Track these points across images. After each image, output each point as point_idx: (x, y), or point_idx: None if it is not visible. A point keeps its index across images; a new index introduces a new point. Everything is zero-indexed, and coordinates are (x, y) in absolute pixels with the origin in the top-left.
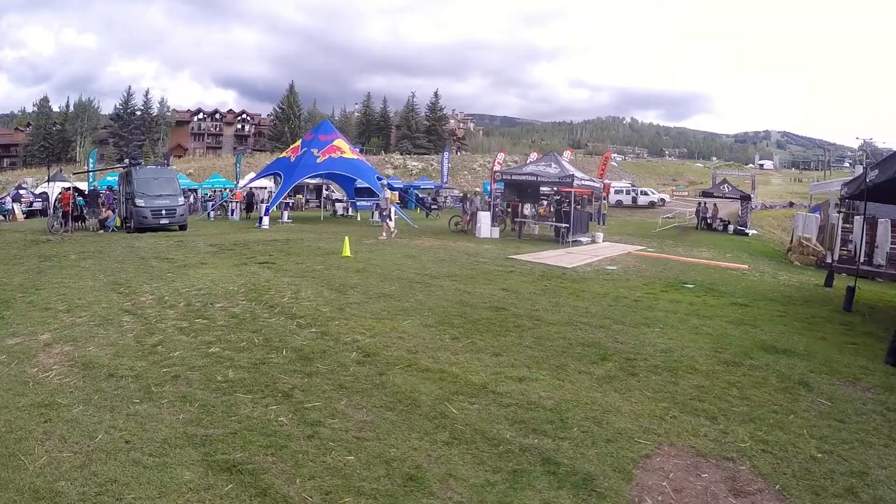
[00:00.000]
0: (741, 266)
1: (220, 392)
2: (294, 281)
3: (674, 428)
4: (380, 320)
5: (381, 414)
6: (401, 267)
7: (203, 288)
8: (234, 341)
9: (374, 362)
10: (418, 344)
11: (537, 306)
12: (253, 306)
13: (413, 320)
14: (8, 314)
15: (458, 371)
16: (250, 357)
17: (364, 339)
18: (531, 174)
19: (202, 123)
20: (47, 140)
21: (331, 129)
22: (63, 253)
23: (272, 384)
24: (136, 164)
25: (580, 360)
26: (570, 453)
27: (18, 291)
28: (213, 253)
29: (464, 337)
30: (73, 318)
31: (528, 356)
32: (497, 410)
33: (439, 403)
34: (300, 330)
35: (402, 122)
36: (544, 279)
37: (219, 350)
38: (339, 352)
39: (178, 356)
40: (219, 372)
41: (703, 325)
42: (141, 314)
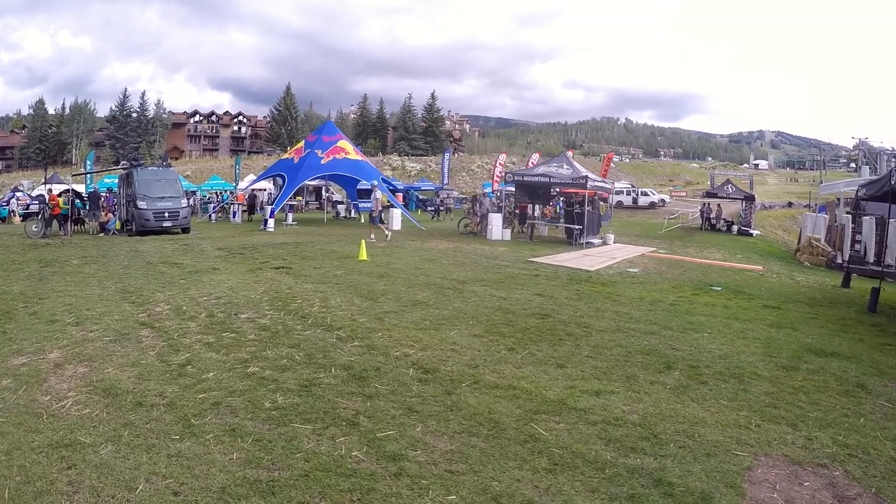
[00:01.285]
0: (756, 267)
1: (272, 422)
2: (318, 288)
3: (762, 437)
4: (424, 331)
5: (466, 441)
6: (424, 271)
7: (222, 296)
8: (273, 358)
9: (437, 380)
10: (475, 357)
11: (579, 312)
12: (282, 317)
13: (460, 330)
14: (10, 328)
15: (528, 386)
16: (296, 377)
17: (415, 353)
18: (543, 175)
19: (198, 125)
20: (43, 142)
21: (334, 130)
22: (64, 258)
23: (331, 410)
24: (137, 165)
25: (646, 370)
26: (677, 471)
27: (20, 301)
28: (223, 257)
29: (519, 347)
30: (83, 332)
31: (593, 367)
32: (586, 429)
33: (524, 424)
34: (342, 344)
35: (398, 124)
36: (574, 283)
37: (258, 370)
38: (393, 368)
39: (213, 378)
40: (265, 397)
41: (747, 328)
42: (160, 327)
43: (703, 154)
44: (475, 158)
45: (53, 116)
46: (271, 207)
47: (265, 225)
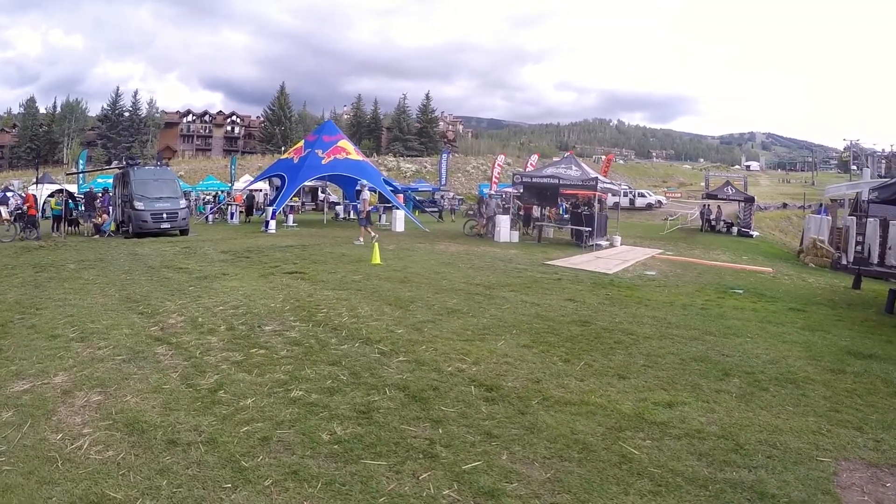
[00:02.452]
0: (765, 269)
1: (338, 459)
2: (340, 295)
3: (835, 441)
4: (469, 342)
5: (560, 466)
6: (445, 276)
7: (239, 305)
8: (315, 379)
9: (503, 398)
10: (533, 370)
11: (617, 318)
12: (312, 329)
13: (506, 340)
14: (6, 344)
15: (599, 400)
16: (349, 402)
17: (469, 368)
18: (552, 177)
19: (191, 125)
20: (34, 141)
21: (335, 130)
22: (60, 262)
23: (401, 440)
24: (133, 165)
25: (706, 378)
26: (773, 482)
27: (15, 312)
28: (230, 261)
29: (574, 358)
30: (90, 349)
31: (654, 377)
32: (673, 444)
33: (612, 444)
34: (387, 359)
35: (393, 125)
36: (599, 287)
37: (303, 393)
38: (452, 386)
39: (253, 406)
40: (320, 427)
41: (783, 332)
42: (177, 343)
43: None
44: (470, 159)
45: (45, 115)
46: (272, 209)
47: (266, 227)
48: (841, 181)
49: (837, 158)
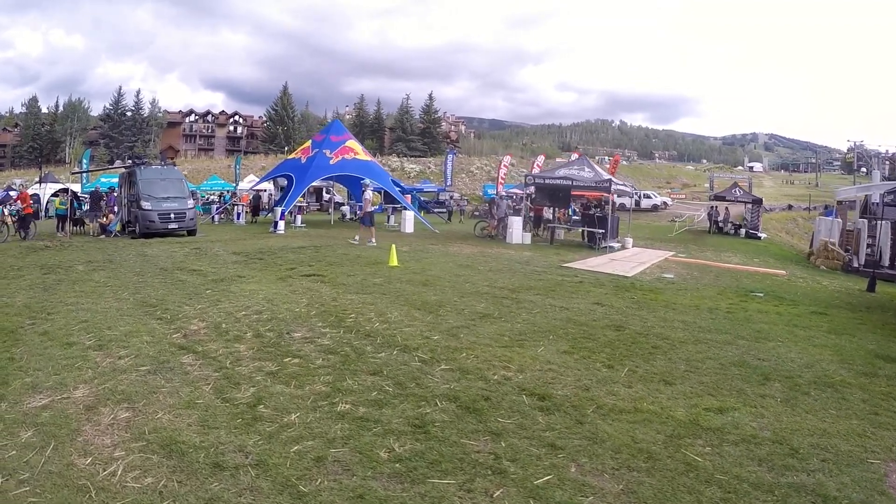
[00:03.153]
0: (779, 272)
1: (404, 480)
2: (364, 299)
3: (881, 444)
4: (508, 348)
5: (629, 477)
6: (466, 279)
7: (262, 310)
8: (359, 390)
9: (557, 407)
10: (579, 377)
11: (648, 323)
12: (344, 335)
13: (545, 346)
14: (18, 352)
15: (652, 408)
16: (400, 415)
17: (514, 376)
18: (565, 178)
19: (194, 125)
20: (36, 141)
21: (342, 130)
22: (68, 263)
23: (464, 456)
24: (140, 164)
25: (748, 383)
26: (832, 485)
27: (26, 316)
28: (243, 263)
29: (617, 364)
30: (109, 358)
31: (698, 382)
32: (732, 450)
33: (675, 451)
34: (429, 367)
35: (396, 125)
36: (622, 290)
37: (350, 407)
38: (503, 396)
39: (299, 422)
40: (377, 444)
41: (811, 336)
42: (203, 352)
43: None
44: (474, 160)
45: (47, 115)
46: (281, 209)
47: (275, 227)
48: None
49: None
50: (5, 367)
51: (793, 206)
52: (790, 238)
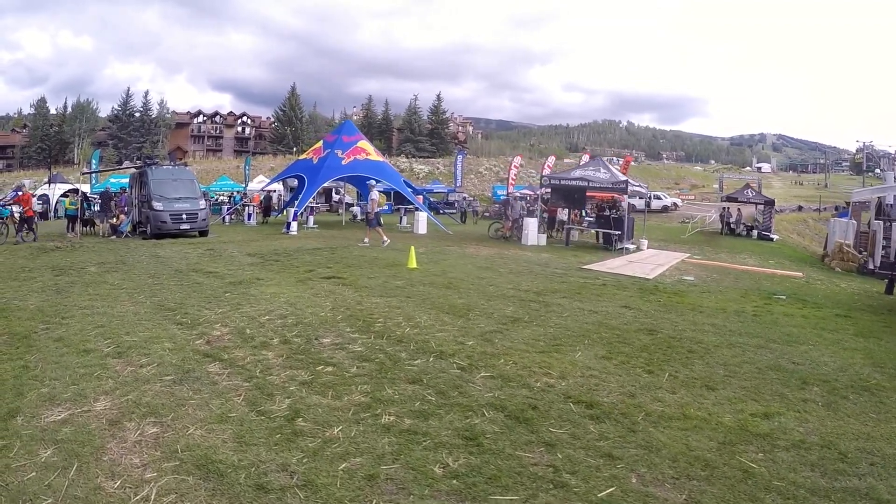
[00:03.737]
0: (796, 274)
1: (464, 497)
2: (389, 302)
3: None
4: (545, 354)
5: (690, 486)
6: (489, 281)
7: (285, 314)
8: (400, 400)
9: (607, 415)
10: (622, 383)
11: (679, 326)
12: (374, 341)
13: (583, 352)
14: (33, 360)
15: (700, 414)
16: (449, 426)
17: (557, 383)
18: (581, 179)
19: (202, 125)
20: (44, 141)
21: (353, 130)
22: (79, 264)
23: (522, 469)
24: (151, 164)
25: (787, 387)
26: (883, 489)
27: (39, 321)
28: (259, 264)
29: (657, 370)
30: (130, 367)
31: (739, 387)
32: (784, 456)
33: (729, 458)
34: (468, 375)
35: (404, 125)
36: (647, 293)
37: (394, 419)
38: (549, 404)
39: (343, 436)
40: (429, 459)
41: (839, 339)
42: (230, 360)
43: (706, 157)
44: (483, 160)
45: (55, 116)
46: (294, 210)
47: (288, 228)
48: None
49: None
50: (20, 377)
51: (803, 207)
52: (801, 239)
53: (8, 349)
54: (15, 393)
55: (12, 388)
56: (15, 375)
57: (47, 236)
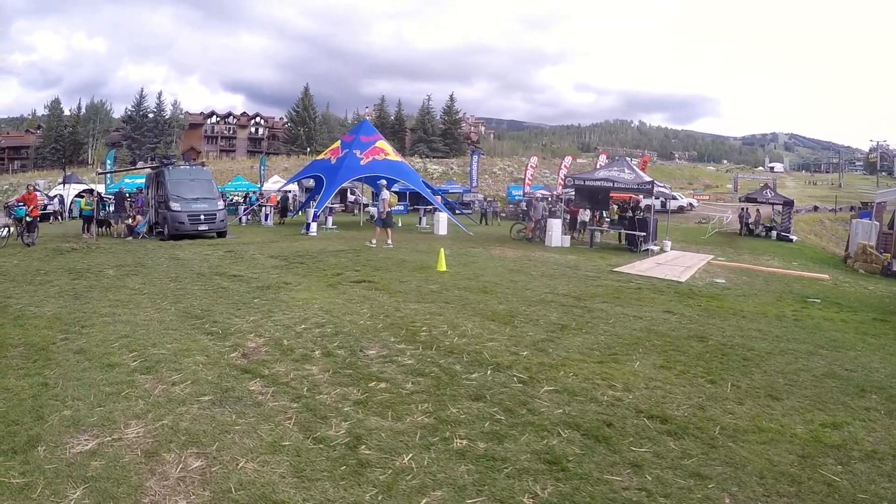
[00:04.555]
0: (822, 276)
1: None
2: (429, 308)
3: None
4: (603, 364)
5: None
6: (524, 285)
7: (322, 322)
8: (468, 421)
9: (683, 430)
10: (688, 395)
11: (726, 332)
12: (424, 352)
13: (641, 361)
14: (52, 375)
15: (772, 426)
16: (525, 449)
17: (624, 396)
18: (606, 179)
19: (215, 126)
20: (59, 142)
21: (372, 130)
22: (96, 266)
23: (615, 494)
24: (168, 164)
25: (847, 395)
26: None
27: (57, 329)
28: (283, 267)
29: (718, 379)
30: (161, 384)
31: (802, 396)
32: (861, 467)
33: (812, 472)
34: (531, 389)
35: (417, 126)
36: (684, 297)
37: (466, 443)
38: (622, 420)
39: (415, 465)
40: (514, 488)
41: (884, 344)
42: (271, 376)
43: (718, 157)
44: (496, 161)
45: (69, 117)
46: (314, 210)
47: (307, 229)
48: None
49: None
50: (39, 396)
51: (818, 207)
52: (819, 240)
53: (25, 363)
54: (35, 416)
55: (31, 409)
56: (33, 394)
57: (62, 237)
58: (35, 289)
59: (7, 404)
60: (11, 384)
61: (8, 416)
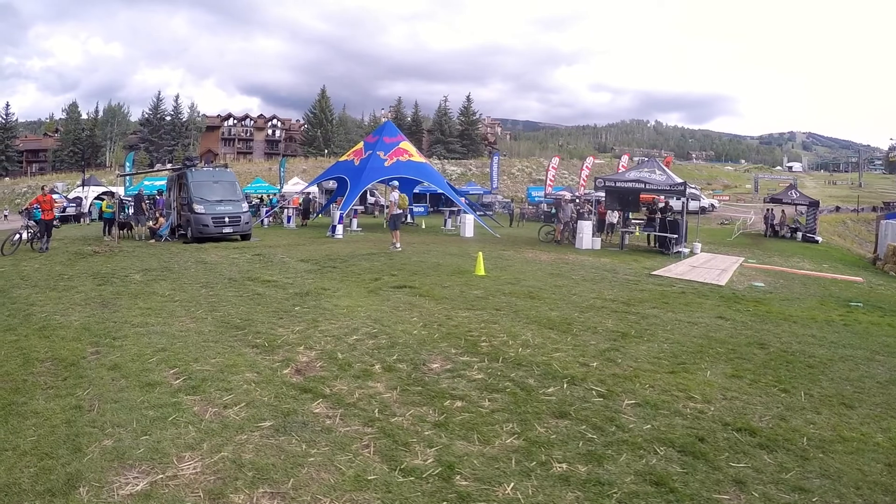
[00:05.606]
0: (856, 279)
1: None
2: (480, 316)
3: None
4: (675, 374)
5: None
6: (569, 289)
7: (374, 332)
8: (559, 441)
9: (773, 443)
10: (766, 404)
11: (783, 338)
12: (491, 365)
13: (711, 370)
14: (86, 397)
15: (852, 434)
16: (626, 469)
17: (706, 408)
18: (637, 181)
19: (232, 128)
20: (77, 145)
21: (395, 131)
22: (122, 271)
23: None
24: (191, 166)
25: None
26: None
27: (87, 342)
28: (317, 271)
29: (790, 388)
30: (212, 407)
31: (873, 404)
32: None
33: None
34: (613, 403)
35: (434, 127)
36: (729, 301)
37: (566, 466)
38: (712, 434)
39: (521, 496)
40: None
41: None
42: (334, 396)
43: (736, 156)
44: (515, 162)
45: (87, 120)
46: (339, 212)
47: (333, 231)
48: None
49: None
50: (73, 422)
51: (840, 207)
52: (843, 241)
53: (54, 380)
54: (71, 447)
55: (66, 439)
56: (67, 420)
57: (83, 240)
58: (59, 295)
59: (38, 432)
60: (41, 407)
61: (41, 448)
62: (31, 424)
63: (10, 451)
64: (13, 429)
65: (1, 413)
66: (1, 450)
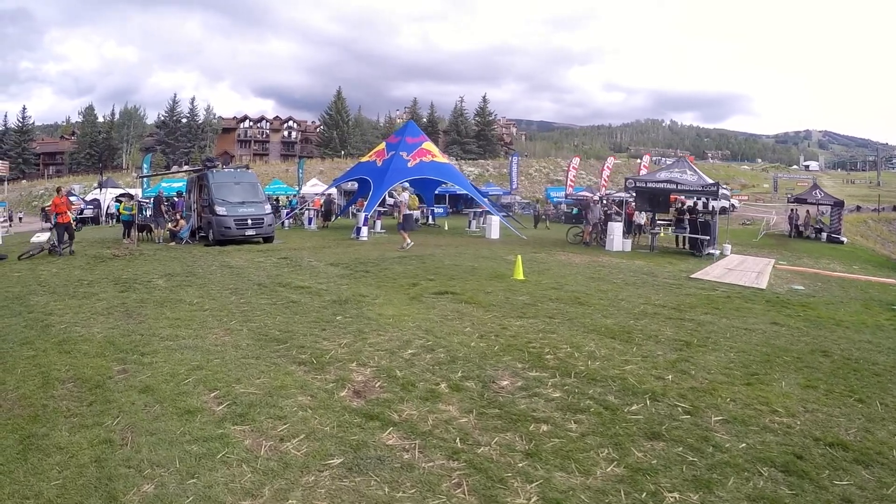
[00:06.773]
0: (891, 281)
1: None
2: (535, 325)
3: None
4: (750, 386)
5: None
6: (614, 294)
7: (430, 346)
8: (661, 468)
9: (866, 458)
10: (848, 416)
11: (840, 344)
12: (565, 381)
13: (785, 380)
14: (117, 427)
15: None
16: (738, 495)
17: (793, 423)
18: (668, 181)
19: (248, 130)
20: (93, 148)
21: (417, 132)
22: (144, 276)
23: None
24: (211, 167)
25: None
26: None
27: (112, 358)
28: (349, 276)
29: (864, 397)
30: (265, 439)
31: None
32: None
33: None
34: (701, 420)
35: (450, 128)
36: (777, 305)
37: (677, 496)
38: (807, 450)
39: None
40: None
41: None
42: (404, 423)
43: (752, 155)
44: (532, 162)
45: (103, 123)
46: (364, 214)
47: (357, 233)
48: None
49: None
50: (104, 460)
51: (861, 206)
52: (866, 241)
53: (78, 406)
54: (105, 495)
55: (98, 483)
56: (96, 457)
57: (102, 243)
58: (79, 303)
59: (63, 474)
60: (65, 440)
61: (67, 494)
62: (55, 463)
63: (31, 499)
64: (34, 469)
65: (19, 448)
66: (21, 498)
